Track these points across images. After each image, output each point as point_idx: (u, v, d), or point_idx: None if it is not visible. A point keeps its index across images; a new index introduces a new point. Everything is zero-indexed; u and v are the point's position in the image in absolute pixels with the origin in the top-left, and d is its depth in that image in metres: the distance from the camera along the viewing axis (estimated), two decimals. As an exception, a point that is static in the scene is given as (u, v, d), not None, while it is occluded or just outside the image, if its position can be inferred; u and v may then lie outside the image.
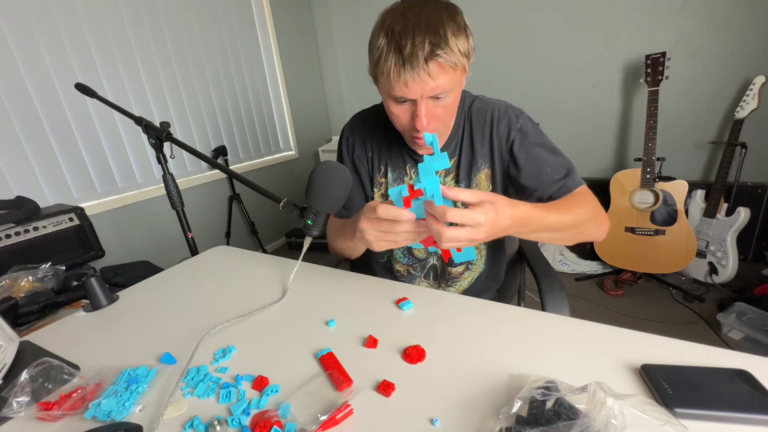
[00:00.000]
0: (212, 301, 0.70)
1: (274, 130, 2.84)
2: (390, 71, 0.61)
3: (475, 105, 0.80)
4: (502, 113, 0.77)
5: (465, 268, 0.87)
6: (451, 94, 0.65)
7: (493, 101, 0.81)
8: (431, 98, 0.64)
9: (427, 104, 0.64)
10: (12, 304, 0.90)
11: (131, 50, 1.91)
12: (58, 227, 1.44)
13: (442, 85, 0.61)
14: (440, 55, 0.58)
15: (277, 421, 0.39)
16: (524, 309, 0.60)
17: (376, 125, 0.85)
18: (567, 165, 0.75)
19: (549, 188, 0.73)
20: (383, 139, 0.84)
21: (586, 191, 0.73)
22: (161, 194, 2.03)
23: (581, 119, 2.28)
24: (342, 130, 0.91)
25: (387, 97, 0.67)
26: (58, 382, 0.49)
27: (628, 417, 0.32)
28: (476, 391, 0.43)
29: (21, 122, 1.55)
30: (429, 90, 0.61)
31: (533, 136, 0.76)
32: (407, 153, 0.82)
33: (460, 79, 0.66)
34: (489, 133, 0.77)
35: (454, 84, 0.63)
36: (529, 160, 0.75)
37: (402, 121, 0.69)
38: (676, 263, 1.80)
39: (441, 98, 0.64)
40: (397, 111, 0.68)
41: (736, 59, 1.84)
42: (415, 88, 0.61)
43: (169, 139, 0.97)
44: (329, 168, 0.64)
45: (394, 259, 0.90)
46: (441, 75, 0.60)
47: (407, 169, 0.83)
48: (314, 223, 0.65)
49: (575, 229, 0.66)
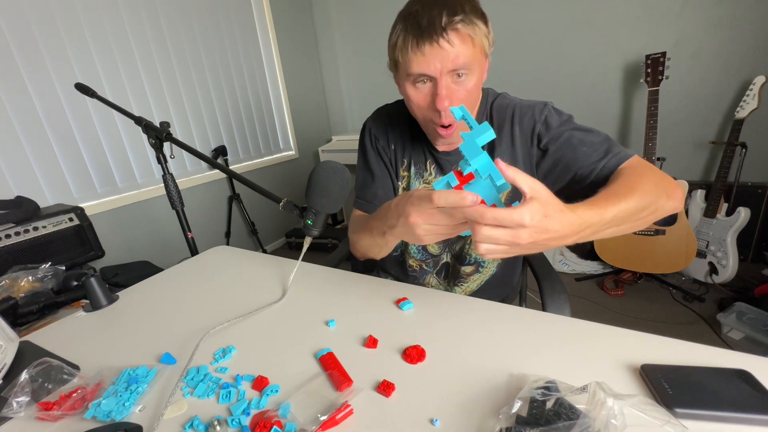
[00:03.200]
0: (212, 301, 0.70)
1: (274, 130, 2.84)
2: (409, 45, 0.60)
3: (498, 102, 0.78)
4: (525, 108, 0.74)
5: (475, 269, 0.85)
6: (471, 75, 0.63)
7: (516, 99, 0.78)
8: (452, 76, 0.62)
9: (448, 83, 0.62)
10: (12, 304, 0.90)
11: (131, 50, 1.91)
12: (58, 227, 1.45)
13: (462, 56, 0.60)
14: (459, 23, 0.58)
15: (277, 421, 0.39)
16: (524, 309, 0.60)
17: (398, 119, 0.84)
18: (606, 140, 0.67)
19: (591, 170, 0.65)
20: (405, 133, 0.83)
21: (639, 162, 0.63)
22: (161, 194, 2.03)
23: (581, 119, 2.23)
24: (364, 124, 0.89)
25: (406, 81, 0.66)
26: (58, 382, 0.49)
27: (628, 417, 0.32)
28: (476, 391, 0.43)
29: (21, 122, 1.55)
30: (449, 62, 0.60)
31: (559, 122, 0.71)
32: (428, 149, 0.81)
33: (480, 60, 0.64)
34: (510, 128, 0.74)
35: (474, 60, 0.62)
36: (560, 147, 0.69)
37: (422, 106, 0.67)
38: (677, 263, 1.80)
39: (461, 77, 0.63)
40: (416, 96, 0.66)
41: (736, 59, 1.84)
42: (434, 60, 0.60)
43: (169, 139, 0.97)
44: (329, 168, 0.64)
45: (407, 254, 0.88)
46: (460, 45, 0.59)
47: (427, 164, 0.82)
48: (314, 223, 0.65)
49: (645, 212, 0.55)
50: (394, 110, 0.86)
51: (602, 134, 0.68)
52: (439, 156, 0.80)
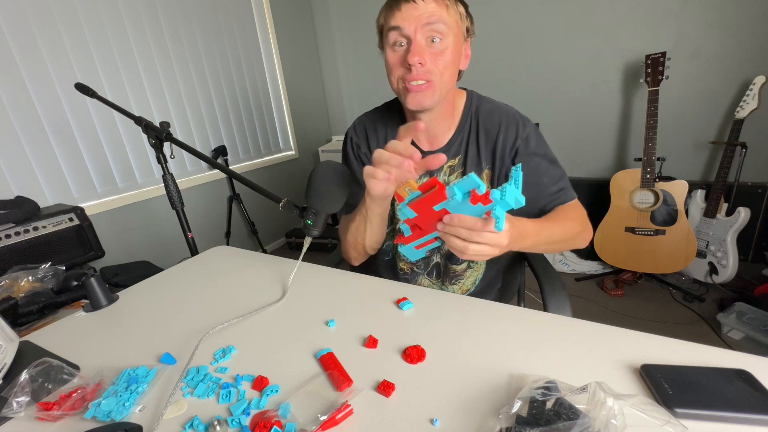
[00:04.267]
0: (212, 301, 0.70)
1: (274, 130, 2.84)
2: (391, 4, 0.66)
3: (484, 106, 0.80)
4: (510, 119, 0.78)
5: (467, 266, 0.87)
6: (445, 41, 0.66)
7: (501, 105, 0.81)
8: (426, 38, 0.65)
9: (421, 42, 0.65)
10: (12, 304, 0.90)
11: (131, 50, 1.91)
12: (58, 227, 1.44)
13: (435, 15, 0.63)
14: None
15: (277, 421, 0.39)
16: (524, 309, 0.60)
17: (379, 124, 0.86)
18: (563, 177, 0.78)
19: (543, 199, 0.77)
20: (389, 133, 0.85)
21: (577, 204, 0.78)
22: (161, 194, 2.03)
23: (581, 119, 2.28)
24: (345, 133, 0.91)
25: (386, 47, 0.69)
26: (58, 382, 0.49)
27: (628, 417, 0.32)
28: (476, 391, 0.43)
29: (21, 122, 1.55)
30: (423, 18, 0.63)
31: (536, 145, 0.78)
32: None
33: (455, 35, 0.67)
34: (495, 135, 0.78)
35: (448, 27, 0.65)
36: (528, 169, 0.75)
37: (396, 66, 0.69)
38: (676, 263, 1.80)
39: (435, 41, 0.66)
40: (392, 58, 0.69)
41: (736, 59, 1.84)
42: (409, 16, 0.64)
43: (169, 139, 0.97)
44: (329, 168, 0.64)
45: (398, 257, 0.89)
46: (435, 6, 0.64)
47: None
48: (314, 223, 0.65)
49: (565, 243, 0.72)
50: (375, 116, 0.88)
51: (561, 169, 0.79)
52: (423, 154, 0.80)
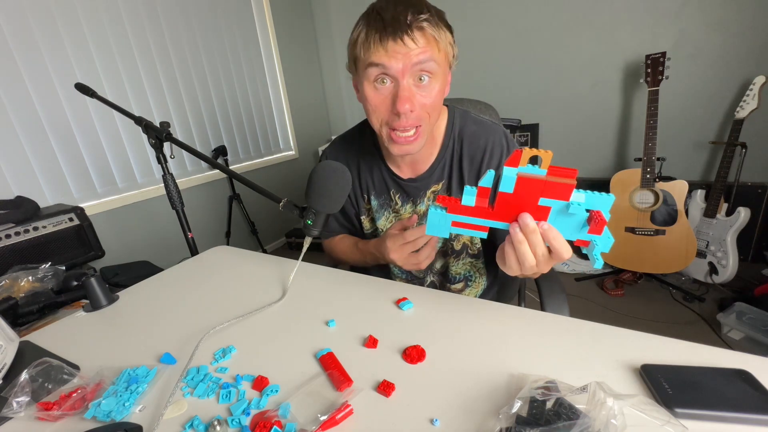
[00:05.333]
0: (212, 301, 0.70)
1: (274, 130, 2.84)
2: (371, 40, 0.58)
3: (469, 128, 0.75)
4: (495, 143, 0.73)
5: (465, 284, 0.85)
6: (435, 80, 0.61)
7: (487, 125, 0.75)
8: (414, 78, 0.60)
9: (410, 84, 0.60)
10: (12, 304, 0.90)
11: (131, 50, 1.91)
12: (58, 227, 1.44)
13: (426, 53, 0.57)
14: (423, 21, 0.56)
15: (277, 421, 0.39)
16: (524, 309, 0.60)
17: (355, 149, 0.82)
18: None
19: None
20: (363, 164, 0.81)
21: None
22: (161, 194, 2.03)
23: (581, 119, 2.28)
24: (322, 153, 0.88)
25: (365, 81, 0.62)
26: (58, 382, 0.49)
27: (628, 417, 0.32)
28: (476, 391, 0.43)
29: (21, 122, 1.55)
30: (412, 57, 0.57)
31: None
32: (389, 176, 0.79)
33: (444, 68, 0.62)
34: (479, 161, 0.74)
35: (438, 65, 0.60)
36: None
37: (380, 108, 0.63)
38: (676, 263, 1.80)
39: (424, 81, 0.60)
40: (375, 98, 0.63)
41: (736, 59, 1.84)
42: (396, 56, 0.57)
43: (169, 139, 0.97)
44: (329, 168, 0.64)
45: (392, 274, 0.89)
46: (425, 44, 0.57)
47: (392, 194, 0.80)
48: (314, 223, 0.65)
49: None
50: (346, 145, 0.84)
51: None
52: (404, 183, 0.78)
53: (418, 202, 0.80)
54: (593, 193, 0.38)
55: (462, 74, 2.43)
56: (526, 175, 0.39)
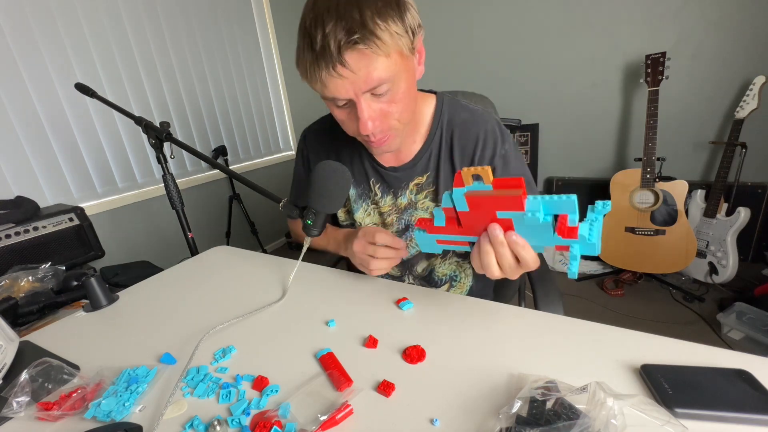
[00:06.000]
0: (212, 301, 0.70)
1: (274, 130, 2.84)
2: (307, 71, 0.52)
3: (459, 116, 0.71)
4: (489, 132, 0.69)
5: (449, 286, 0.84)
6: (396, 86, 0.54)
7: (479, 113, 0.71)
8: (372, 95, 0.54)
9: (368, 102, 0.54)
10: (12, 304, 0.90)
11: (131, 50, 1.91)
12: (58, 227, 1.45)
13: (372, 77, 0.50)
14: (357, 42, 0.48)
15: (277, 421, 0.39)
16: (524, 309, 0.60)
17: (333, 134, 0.76)
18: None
19: None
20: (342, 150, 0.77)
21: None
22: (161, 194, 2.03)
23: (581, 119, 2.28)
24: (303, 134, 0.84)
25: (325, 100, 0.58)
26: (58, 382, 0.49)
27: (628, 417, 0.32)
28: (476, 391, 0.43)
29: (21, 122, 1.55)
30: (360, 85, 0.51)
31: (514, 165, 0.71)
32: (369, 164, 0.76)
33: (404, 65, 0.54)
34: (472, 150, 0.70)
35: (393, 72, 0.52)
36: None
37: (347, 124, 0.61)
38: (676, 263, 1.80)
39: (383, 94, 0.54)
40: (340, 115, 0.59)
41: (736, 59, 1.84)
42: (337, 87, 0.51)
43: (169, 139, 0.97)
44: (329, 168, 0.64)
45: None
46: (366, 66, 0.50)
47: (371, 184, 0.77)
48: (314, 223, 0.65)
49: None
50: (326, 125, 0.79)
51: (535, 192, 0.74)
52: (385, 172, 0.75)
53: (399, 194, 0.76)
54: (551, 198, 0.37)
55: (461, 74, 2.43)
56: (474, 192, 0.40)
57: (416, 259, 0.82)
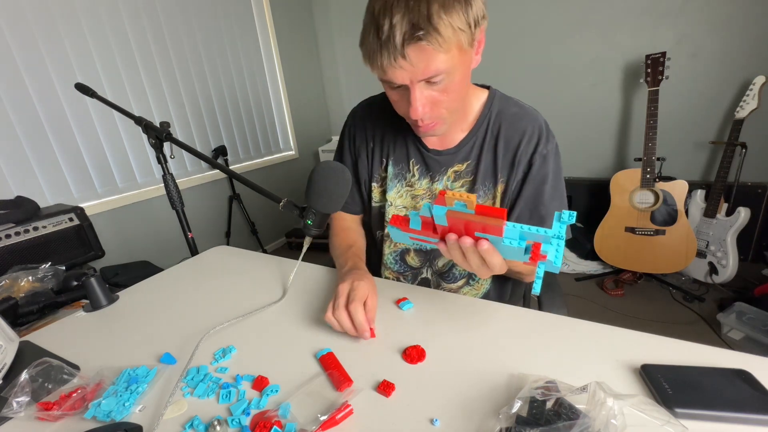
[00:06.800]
0: (212, 301, 0.70)
1: (274, 130, 2.84)
2: (369, 55, 0.55)
3: (509, 109, 0.72)
4: (535, 129, 0.70)
5: (465, 282, 0.82)
6: (450, 77, 0.56)
7: (530, 111, 0.73)
8: (426, 82, 0.56)
9: (422, 89, 0.57)
10: (12, 304, 0.90)
11: (131, 50, 1.91)
12: (58, 227, 1.44)
13: (429, 69, 0.53)
14: (421, 38, 0.50)
15: (277, 421, 0.39)
16: (524, 309, 0.60)
17: (381, 112, 0.78)
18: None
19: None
20: (388, 128, 0.78)
21: None
22: (161, 194, 2.03)
23: (581, 119, 2.28)
24: (346, 120, 0.85)
25: (379, 79, 0.60)
26: (58, 382, 0.49)
27: (628, 417, 0.32)
28: (476, 391, 0.43)
29: (21, 122, 1.55)
30: (417, 75, 0.54)
31: (552, 168, 0.71)
32: (413, 144, 0.76)
33: (461, 58, 0.55)
34: (517, 144, 0.70)
35: (450, 65, 0.54)
36: (532, 191, 0.71)
37: (400, 107, 0.63)
38: (676, 263, 1.80)
39: (437, 83, 0.56)
40: (393, 96, 0.62)
41: (736, 59, 1.84)
42: (396, 74, 0.54)
43: (169, 139, 0.97)
44: (329, 168, 0.64)
45: (384, 265, 0.86)
46: (426, 60, 0.52)
47: (410, 165, 0.77)
48: (314, 223, 0.65)
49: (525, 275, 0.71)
50: (379, 102, 0.80)
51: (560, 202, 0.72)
52: (427, 155, 0.75)
53: (437, 178, 0.76)
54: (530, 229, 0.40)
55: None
56: (456, 213, 0.41)
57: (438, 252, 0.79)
